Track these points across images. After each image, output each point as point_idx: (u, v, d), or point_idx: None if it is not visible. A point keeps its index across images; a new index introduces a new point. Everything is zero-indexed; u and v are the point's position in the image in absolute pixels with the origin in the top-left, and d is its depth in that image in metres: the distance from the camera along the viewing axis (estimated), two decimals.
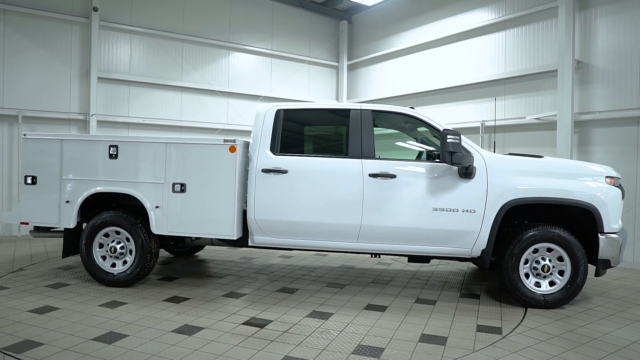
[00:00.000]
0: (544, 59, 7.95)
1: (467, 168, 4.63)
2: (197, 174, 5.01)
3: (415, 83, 10.59)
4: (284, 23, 11.84)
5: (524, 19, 8.26)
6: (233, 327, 4.01)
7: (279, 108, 5.17)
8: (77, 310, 4.34)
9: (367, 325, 4.17)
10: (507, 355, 3.53)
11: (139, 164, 5.10)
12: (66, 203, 5.22)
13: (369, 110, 5.06)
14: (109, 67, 9.37)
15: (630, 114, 6.81)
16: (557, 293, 4.70)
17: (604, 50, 7.16)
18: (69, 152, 5.22)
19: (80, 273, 5.78)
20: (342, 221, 4.85)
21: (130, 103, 9.66)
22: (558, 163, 4.91)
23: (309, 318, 4.32)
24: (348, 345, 3.67)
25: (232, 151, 4.94)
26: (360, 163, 4.86)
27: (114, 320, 4.09)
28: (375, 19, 11.92)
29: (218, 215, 4.98)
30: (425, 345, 3.70)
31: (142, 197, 5.08)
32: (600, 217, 4.60)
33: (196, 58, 10.52)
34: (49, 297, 4.73)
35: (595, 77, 7.25)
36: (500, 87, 8.66)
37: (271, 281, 5.68)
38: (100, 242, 5.25)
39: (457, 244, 4.79)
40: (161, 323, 4.07)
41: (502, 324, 4.25)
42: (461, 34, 9.48)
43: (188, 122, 10.38)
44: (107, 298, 4.76)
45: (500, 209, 4.66)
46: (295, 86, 12.13)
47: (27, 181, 5.31)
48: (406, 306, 4.78)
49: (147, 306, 4.54)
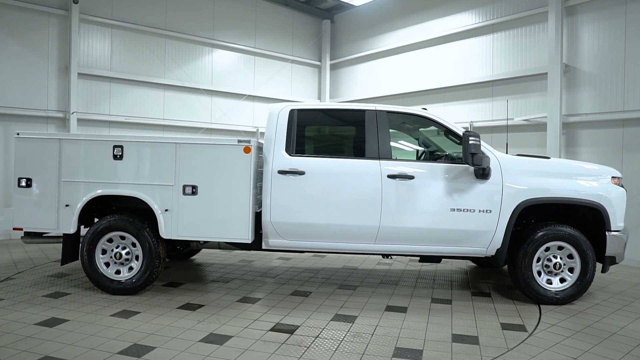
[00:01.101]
0: (531, 63, 8.23)
1: (484, 169, 4.70)
2: (209, 176, 4.82)
3: (401, 84, 10.71)
4: (268, 21, 11.66)
5: (512, 23, 8.51)
6: (262, 334, 3.89)
7: (293, 108, 5.07)
8: (88, 322, 4.07)
9: (395, 327, 4.15)
10: (541, 352, 3.61)
11: (146, 165, 4.86)
12: (65, 207, 4.90)
13: (384, 111, 5.05)
14: (88, 63, 8.89)
15: (615, 116, 7.16)
16: (568, 289, 4.86)
17: (589, 55, 7.50)
18: (69, 153, 4.90)
19: (78, 281, 5.45)
20: (360, 223, 4.81)
21: (112, 100, 9.21)
22: (567, 164, 5.08)
23: (334, 322, 4.26)
24: (386, 349, 3.63)
25: (247, 152, 4.79)
26: (379, 164, 4.84)
27: (133, 332, 3.87)
28: (358, 19, 11.95)
29: (232, 218, 4.82)
30: (461, 346, 3.73)
31: (150, 200, 4.84)
32: (608, 216, 4.80)
33: (179, 55, 10.17)
34: (52, 308, 4.42)
35: (581, 80, 7.58)
36: (489, 88, 8.90)
37: (280, 284, 5.57)
38: (103, 248, 4.96)
39: (474, 243, 4.86)
40: (185, 332, 3.88)
41: (523, 322, 4.35)
42: (448, 36, 9.66)
43: (171, 120, 10.02)
44: (116, 307, 4.50)
45: (514, 209, 4.76)
46: (279, 85, 11.98)
47: (20, 184, 4.94)
48: (425, 306, 4.80)
49: (163, 315, 4.33)
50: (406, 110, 5.15)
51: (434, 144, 5.62)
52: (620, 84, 7.12)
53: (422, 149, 5.51)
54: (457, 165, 4.83)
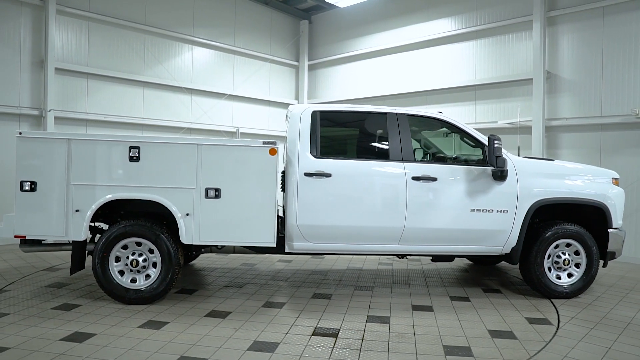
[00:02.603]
0: (514, 69, 8.67)
1: (502, 171, 4.90)
2: (233, 178, 4.68)
3: (383, 86, 10.89)
4: (247, 19, 11.46)
5: (495, 30, 8.92)
6: (307, 339, 3.83)
7: (315, 109, 5.04)
8: (118, 335, 3.82)
9: (431, 325, 4.24)
10: (577, 344, 3.83)
11: (165, 167, 4.62)
12: (75, 212, 4.57)
13: (404, 114, 5.14)
14: (64, 57, 8.31)
15: (593, 121, 7.71)
16: (576, 284, 5.18)
17: (569, 63, 8.01)
18: (79, 154, 4.56)
19: (81, 291, 5.09)
20: (386, 224, 4.86)
21: (89, 98, 8.67)
22: (573, 166, 5.40)
23: (371, 323, 4.28)
24: (435, 347, 3.70)
25: (273, 154, 4.70)
26: (403, 166, 4.91)
27: (173, 343, 3.68)
28: (337, 20, 12.02)
29: (256, 222, 4.70)
30: (502, 341, 3.87)
31: (170, 204, 4.62)
32: (610, 214, 5.17)
33: (159, 51, 9.75)
34: (69, 322, 4.10)
35: (562, 87, 8.09)
36: (472, 92, 9.26)
37: (296, 287, 5.50)
38: (117, 256, 4.68)
39: (491, 242, 5.06)
40: (228, 341, 3.75)
41: (544, 315, 4.59)
42: (431, 40, 9.95)
43: (151, 119, 9.58)
44: (139, 318, 4.26)
45: (529, 209, 5.01)
46: (257, 85, 11.81)
47: (23, 187, 4.54)
48: (447, 304, 4.93)
49: (194, 324, 4.15)
50: (424, 113, 5.26)
51: (434, 145, 5.80)
52: (598, 91, 7.67)
53: (435, 151, 5.66)
54: (476, 167, 5.01)
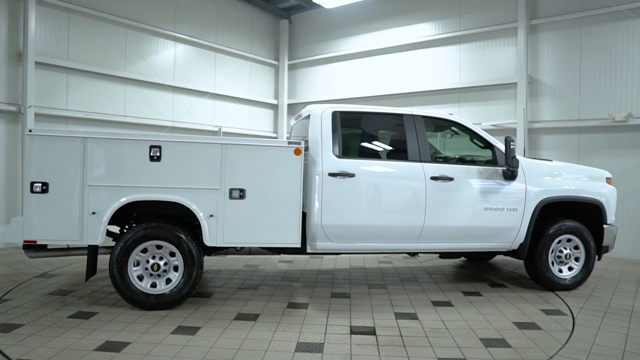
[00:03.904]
0: (497, 73, 9.08)
1: (513, 171, 5.15)
2: (257, 178, 4.61)
3: (365, 87, 11.05)
4: (228, 17, 11.26)
5: (478, 36, 9.30)
6: (347, 338, 3.86)
7: (335, 110, 5.06)
8: (154, 342, 3.67)
9: (459, 320, 4.39)
10: (599, 332, 4.10)
11: (188, 167, 4.48)
12: (92, 215, 4.33)
13: (420, 115, 5.27)
14: (44, 50, 7.81)
15: (572, 124, 8.23)
16: (576, 276, 5.53)
17: (550, 69, 8.51)
18: (95, 153, 4.33)
19: (91, 298, 4.83)
20: (406, 223, 4.97)
21: (69, 94, 8.20)
22: (571, 166, 5.76)
23: (401, 320, 4.37)
24: (473, 340, 3.85)
25: (298, 154, 4.68)
26: (422, 166, 5.04)
27: (216, 349, 3.59)
28: (317, 20, 12.06)
29: (281, 222, 4.66)
30: (530, 332, 4.08)
31: (193, 205, 4.48)
32: (605, 211, 5.56)
33: (141, 47, 9.38)
34: (94, 331, 3.89)
35: (543, 91, 8.58)
36: (456, 95, 9.61)
37: (311, 288, 5.51)
38: (136, 259, 4.48)
39: (501, 239, 5.30)
40: (272, 344, 3.71)
41: (555, 307, 4.87)
42: (415, 43, 10.22)
43: (133, 117, 9.21)
44: (167, 324, 4.11)
45: (535, 207, 5.30)
46: (238, 84, 11.63)
47: (34, 189, 4.25)
48: (462, 299, 5.12)
49: (229, 328, 4.06)
50: (439, 115, 5.42)
51: (432, 146, 5.99)
52: (577, 96, 8.20)
53: (433, 152, 5.84)
54: (488, 167, 5.23)
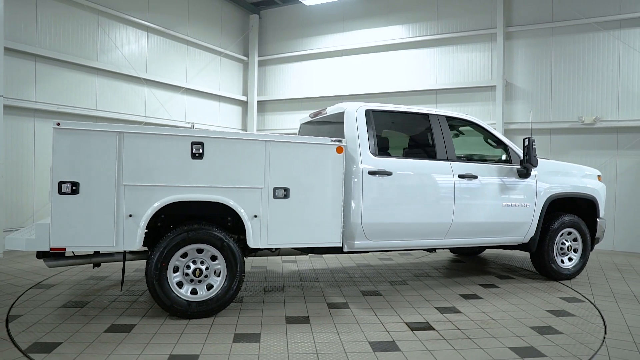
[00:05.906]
0: (473, 76, 9.58)
1: (528, 169, 5.49)
2: (301, 177, 4.49)
3: (340, 86, 11.12)
4: (199, 9, 10.78)
5: (455, 40, 9.75)
6: (411, 335, 3.90)
7: (367, 108, 5.06)
8: (224, 353, 3.45)
9: (498, 310, 4.60)
10: (624, 315, 4.50)
11: (232, 165, 4.25)
12: (128, 217, 3.96)
13: (443, 115, 5.44)
14: (10, 34, 6.95)
15: (544, 126, 8.92)
16: (576, 266, 6.02)
17: (523, 74, 9.15)
18: (132, 150, 3.96)
19: (113, 308, 4.41)
20: (438, 220, 5.11)
21: (37, 84, 7.38)
22: (569, 165, 6.24)
23: (446, 314, 4.49)
24: (523, 329, 4.06)
25: (340, 152, 4.62)
26: (450, 165, 5.21)
27: (294, 355, 3.46)
28: (289, 17, 11.93)
29: (323, 222, 4.58)
30: (568, 318, 4.38)
31: (237, 205, 4.26)
32: (598, 206, 6.12)
33: (113, 35, 8.68)
34: (149, 345, 3.56)
35: (517, 94, 9.20)
36: (433, 96, 9.99)
37: (336, 287, 5.48)
38: (175, 265, 4.17)
39: (515, 233, 5.63)
40: (346, 345, 3.64)
41: (569, 294, 5.28)
42: (392, 44, 10.47)
43: (104, 112, 8.51)
44: (220, 332, 3.87)
45: (544, 203, 5.70)
46: (209, 78, 11.19)
47: (63, 189, 3.80)
48: (484, 291, 5.37)
49: (288, 332, 3.92)
50: (459, 115, 5.62)
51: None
52: (548, 99, 8.90)
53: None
54: (505, 165, 5.54)
